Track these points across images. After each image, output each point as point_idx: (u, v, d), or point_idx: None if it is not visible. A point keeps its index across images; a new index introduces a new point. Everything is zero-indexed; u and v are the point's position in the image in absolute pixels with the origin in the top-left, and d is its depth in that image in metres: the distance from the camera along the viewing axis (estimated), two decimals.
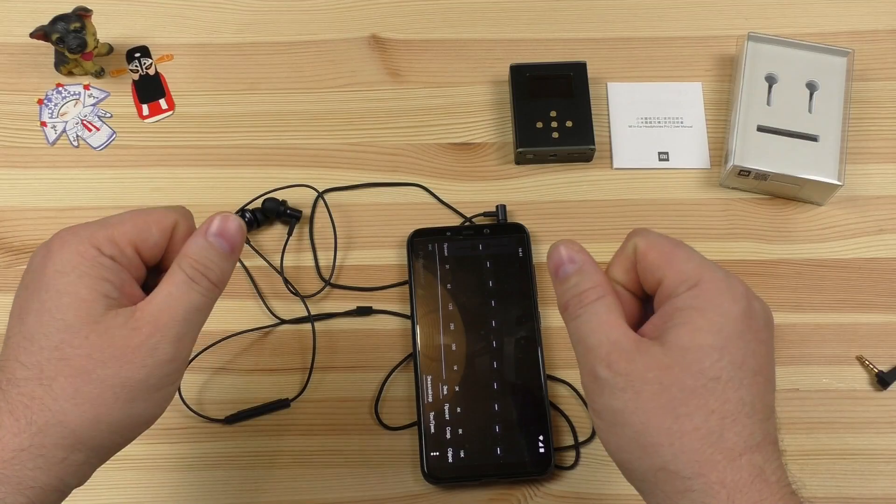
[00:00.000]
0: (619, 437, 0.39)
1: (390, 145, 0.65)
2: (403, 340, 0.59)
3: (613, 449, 0.39)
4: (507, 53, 0.67)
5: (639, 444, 0.38)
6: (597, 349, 0.39)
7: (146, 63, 0.67)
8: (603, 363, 0.38)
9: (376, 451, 0.57)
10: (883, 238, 0.62)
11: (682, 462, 0.37)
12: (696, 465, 0.36)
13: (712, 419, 0.37)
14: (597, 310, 0.39)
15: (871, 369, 0.58)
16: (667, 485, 0.37)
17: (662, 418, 0.37)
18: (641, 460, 0.38)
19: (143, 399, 0.38)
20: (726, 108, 0.66)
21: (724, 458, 0.36)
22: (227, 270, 0.41)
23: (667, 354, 0.38)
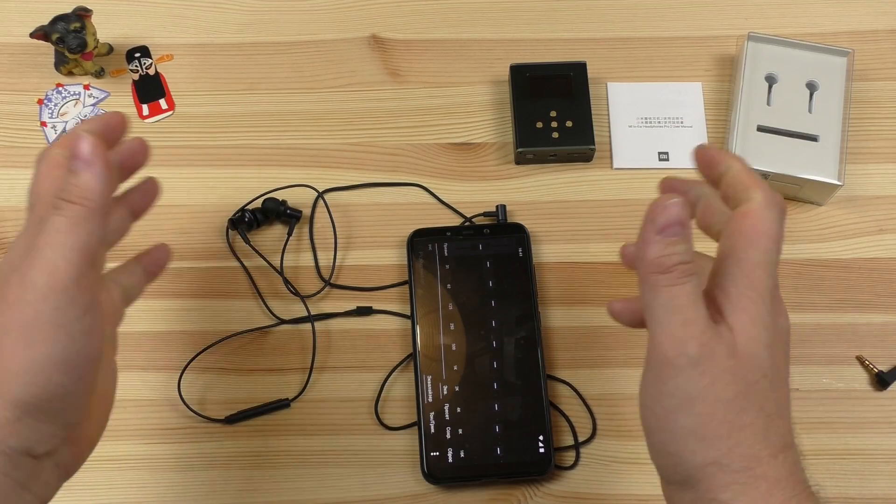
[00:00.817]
0: (680, 425, 0.38)
1: (390, 145, 0.65)
2: (403, 340, 0.59)
3: (667, 440, 0.38)
4: (507, 53, 0.67)
5: (698, 436, 0.37)
6: (693, 324, 0.37)
7: (146, 63, 0.67)
8: (696, 340, 0.36)
9: (376, 451, 0.57)
10: (883, 238, 0.62)
11: (735, 456, 0.37)
12: (746, 460, 0.36)
13: (762, 416, 0.37)
14: (695, 282, 0.37)
15: (871, 369, 0.58)
16: (713, 479, 0.37)
17: (728, 410, 0.37)
18: (695, 454, 0.37)
19: (43, 339, 0.37)
20: (726, 108, 0.66)
21: (768, 454, 0.37)
22: (87, 184, 0.38)
23: (739, 342, 0.37)
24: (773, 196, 0.40)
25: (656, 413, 0.38)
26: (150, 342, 0.59)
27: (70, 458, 0.41)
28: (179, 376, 0.58)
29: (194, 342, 0.59)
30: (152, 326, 0.59)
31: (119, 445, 0.57)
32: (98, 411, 0.43)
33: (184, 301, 0.60)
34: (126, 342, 0.59)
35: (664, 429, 0.38)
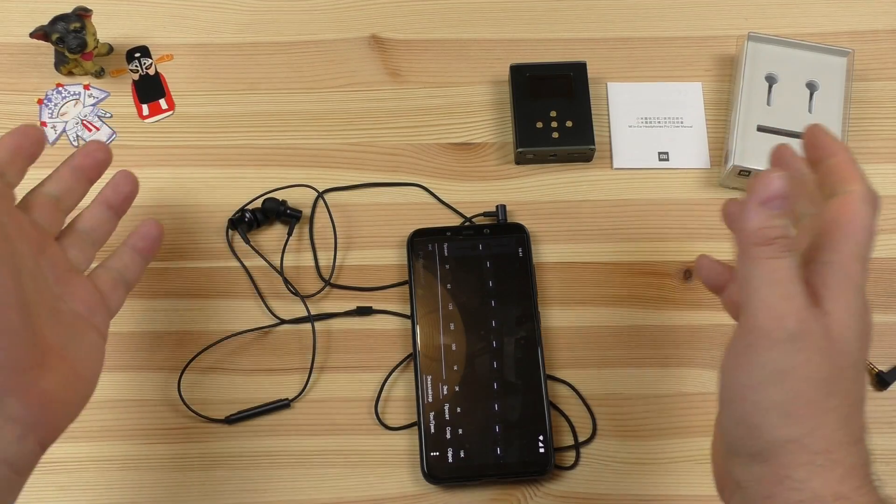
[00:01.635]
0: (762, 400, 0.38)
1: (390, 145, 0.65)
2: (403, 340, 0.59)
3: (748, 410, 0.38)
4: (507, 53, 0.67)
5: (783, 411, 0.37)
6: (793, 299, 0.37)
7: (146, 63, 0.67)
8: (795, 316, 0.37)
9: (376, 451, 0.57)
10: (883, 238, 0.62)
11: (817, 436, 0.37)
12: (827, 443, 0.37)
13: (846, 403, 0.38)
14: (796, 258, 0.38)
15: (871, 369, 0.58)
16: (791, 456, 0.37)
17: (817, 391, 0.37)
18: (778, 428, 0.37)
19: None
20: (726, 108, 0.66)
21: (848, 441, 0.38)
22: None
23: (833, 328, 0.38)
24: (871, 191, 0.40)
25: (742, 383, 0.38)
26: (149, 342, 0.59)
27: (25, 412, 0.41)
28: (179, 376, 0.58)
29: (194, 342, 0.59)
30: (152, 326, 0.59)
31: (119, 445, 0.57)
32: (62, 370, 0.43)
33: (184, 301, 0.60)
34: (126, 342, 0.59)
35: (748, 399, 0.38)
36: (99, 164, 0.52)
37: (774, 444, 0.37)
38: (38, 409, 0.41)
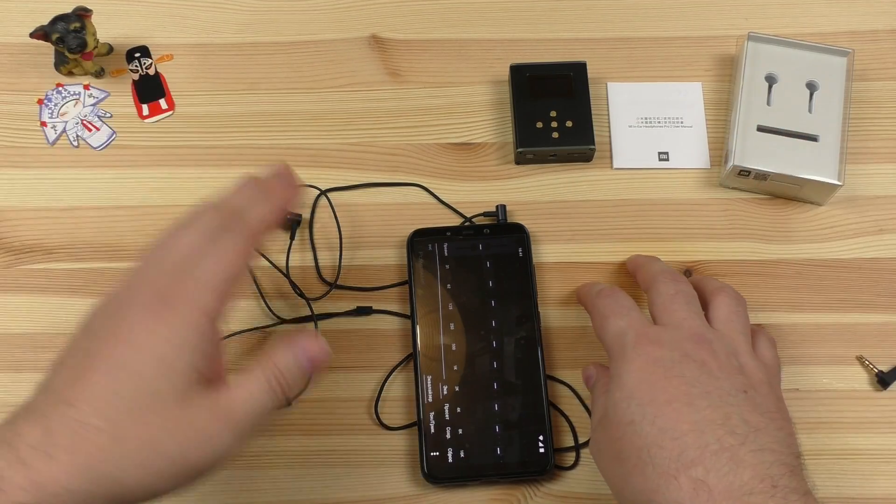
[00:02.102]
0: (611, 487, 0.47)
1: (390, 145, 0.65)
2: (403, 340, 0.59)
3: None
4: (507, 53, 0.67)
5: (615, 492, 0.47)
6: (591, 423, 0.50)
7: (146, 63, 0.67)
8: (591, 434, 0.50)
9: (376, 451, 0.57)
10: (883, 238, 0.62)
11: (637, 496, 0.43)
12: (646, 494, 0.42)
13: (643, 454, 0.43)
14: (594, 395, 0.52)
15: (871, 369, 0.58)
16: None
17: (616, 468, 0.46)
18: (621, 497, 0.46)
19: (190, 479, 0.38)
20: (726, 108, 0.66)
21: (664, 481, 0.42)
22: (301, 388, 0.42)
23: (606, 419, 0.47)
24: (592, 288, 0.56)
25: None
26: None
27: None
28: None
29: None
30: None
31: None
32: None
33: None
34: None
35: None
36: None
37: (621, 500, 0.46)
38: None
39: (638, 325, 0.49)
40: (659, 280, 0.53)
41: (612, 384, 0.47)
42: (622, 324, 0.50)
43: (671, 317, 0.50)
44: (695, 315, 0.50)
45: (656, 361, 0.46)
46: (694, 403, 0.43)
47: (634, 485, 0.43)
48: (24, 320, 0.60)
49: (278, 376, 0.41)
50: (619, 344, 0.49)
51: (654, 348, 0.47)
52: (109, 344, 0.38)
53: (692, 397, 0.44)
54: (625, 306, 0.51)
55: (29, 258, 0.61)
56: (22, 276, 0.61)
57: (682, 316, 0.49)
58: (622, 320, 0.50)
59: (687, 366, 0.45)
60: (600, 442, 0.47)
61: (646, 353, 0.47)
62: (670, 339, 0.47)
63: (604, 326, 0.51)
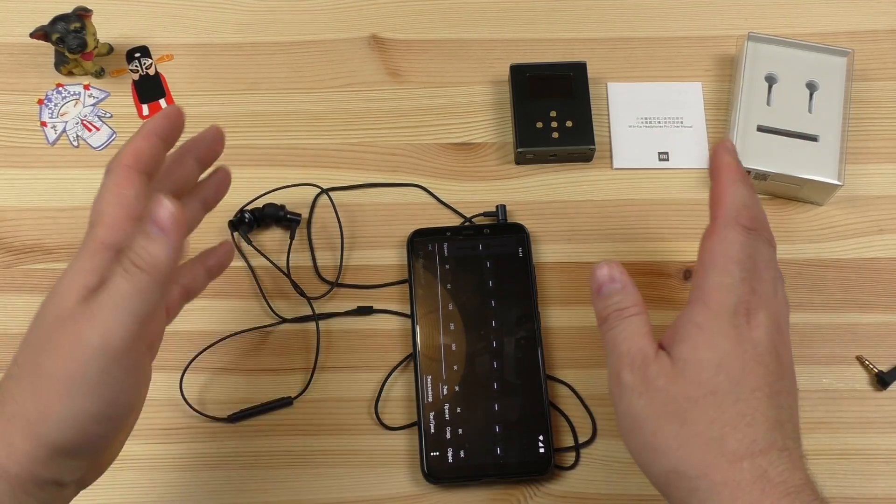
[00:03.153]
0: (636, 441, 0.43)
1: (390, 145, 0.65)
2: (403, 340, 0.59)
3: (634, 453, 0.44)
4: (507, 53, 0.67)
5: (651, 447, 0.42)
6: (625, 356, 0.43)
7: (146, 63, 0.67)
8: (627, 368, 0.43)
9: (376, 451, 0.57)
10: (883, 238, 0.62)
11: (688, 464, 0.41)
12: (701, 467, 0.40)
13: (714, 427, 0.41)
14: (632, 322, 0.44)
15: (871, 369, 0.58)
16: (678, 485, 0.41)
17: (670, 424, 0.41)
18: (654, 464, 0.42)
19: (85, 394, 0.38)
20: (726, 108, 0.66)
21: (727, 461, 0.40)
22: (158, 256, 0.38)
23: (674, 365, 0.42)
24: (736, 213, 0.44)
25: (622, 433, 0.44)
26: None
27: (92, 476, 0.43)
28: (181, 376, 0.58)
29: (195, 342, 0.59)
30: None
31: None
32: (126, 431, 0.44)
33: None
34: None
35: (629, 445, 0.44)
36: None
37: (658, 477, 0.42)
38: (101, 469, 0.44)
39: (748, 292, 0.44)
40: (760, 230, 0.45)
41: (702, 337, 0.42)
42: (735, 283, 0.43)
43: (763, 288, 0.44)
44: (781, 298, 0.46)
45: (752, 342, 0.43)
46: (773, 399, 0.42)
47: (689, 452, 0.41)
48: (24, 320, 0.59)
49: (123, 260, 0.38)
50: (721, 299, 0.43)
51: (753, 327, 0.43)
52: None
53: (773, 392, 0.43)
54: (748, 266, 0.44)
55: (29, 258, 0.61)
56: (22, 276, 0.61)
57: (771, 293, 0.45)
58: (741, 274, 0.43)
59: (772, 357, 0.43)
60: (655, 387, 0.42)
61: (743, 327, 0.43)
62: (765, 323, 0.43)
63: (718, 267, 0.44)
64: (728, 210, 0.44)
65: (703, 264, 0.44)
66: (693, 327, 0.43)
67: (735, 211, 0.44)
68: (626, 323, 0.44)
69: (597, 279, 0.45)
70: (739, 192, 0.45)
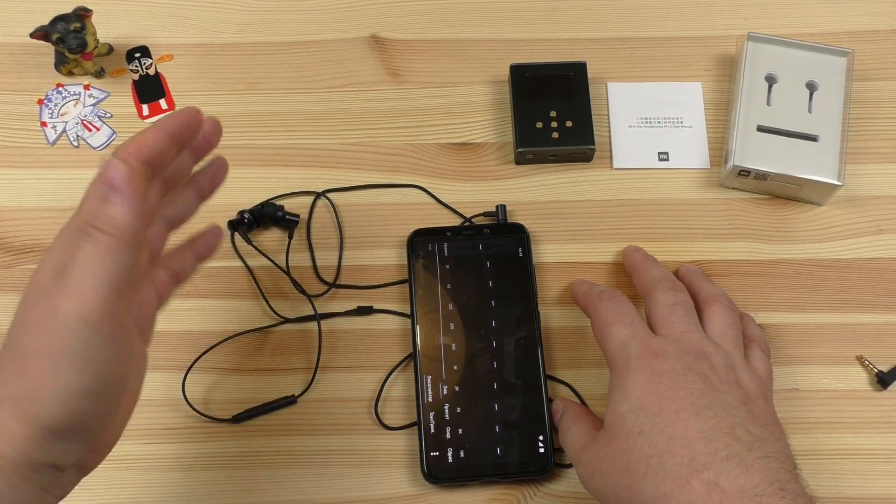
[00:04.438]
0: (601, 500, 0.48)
1: (390, 145, 0.65)
2: (403, 340, 0.59)
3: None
4: (507, 53, 0.67)
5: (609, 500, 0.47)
6: (571, 454, 0.51)
7: (146, 63, 0.67)
8: (576, 461, 0.51)
9: (376, 451, 0.57)
10: (883, 238, 0.62)
11: (647, 501, 0.44)
12: (658, 501, 0.43)
13: (653, 462, 0.44)
14: (567, 426, 0.53)
15: (871, 369, 0.58)
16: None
17: (621, 479, 0.46)
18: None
19: (68, 369, 0.37)
20: (726, 108, 0.66)
21: (676, 486, 0.43)
22: (117, 216, 0.38)
23: (606, 433, 0.48)
24: (591, 289, 0.56)
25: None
26: None
27: (91, 460, 0.42)
28: (184, 377, 0.58)
29: (195, 342, 0.59)
30: None
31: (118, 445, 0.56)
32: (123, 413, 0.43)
33: (184, 301, 0.60)
34: None
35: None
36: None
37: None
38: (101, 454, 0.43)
39: (641, 335, 0.50)
40: (658, 288, 0.53)
41: (617, 396, 0.48)
42: (625, 333, 0.50)
43: (671, 329, 0.50)
44: (694, 328, 0.51)
45: (662, 374, 0.47)
46: (701, 413, 0.45)
47: (645, 493, 0.44)
48: None
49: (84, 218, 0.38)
50: (622, 355, 0.49)
51: (658, 361, 0.48)
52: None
53: (699, 408, 0.45)
54: (627, 314, 0.51)
55: (29, 258, 0.61)
56: (22, 276, 0.61)
57: (681, 328, 0.50)
58: (625, 329, 0.50)
59: (691, 378, 0.47)
60: (599, 459, 0.48)
61: (651, 366, 0.47)
62: (674, 352, 0.48)
63: (606, 334, 0.51)
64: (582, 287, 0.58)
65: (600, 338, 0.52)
66: (611, 391, 0.49)
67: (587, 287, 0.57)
68: (563, 429, 0.53)
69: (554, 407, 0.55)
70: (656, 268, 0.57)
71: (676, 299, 0.52)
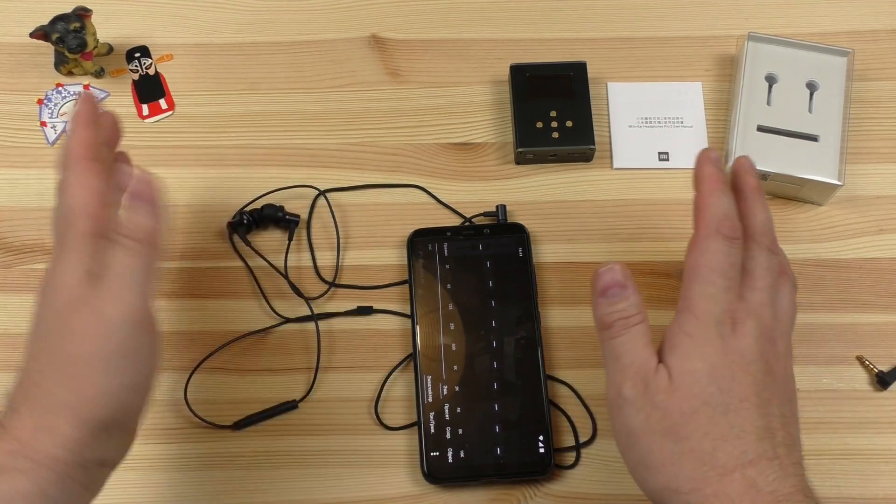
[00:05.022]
0: (632, 456, 0.43)
1: (390, 145, 0.65)
2: (403, 340, 0.59)
3: (629, 467, 0.44)
4: (507, 53, 0.67)
5: (646, 464, 0.43)
6: (628, 368, 0.43)
7: (146, 63, 0.67)
8: (630, 382, 0.43)
9: (376, 451, 0.57)
10: (883, 238, 0.62)
11: (682, 480, 0.41)
12: (693, 482, 0.41)
13: (706, 441, 0.41)
14: (637, 332, 0.44)
15: (871, 369, 0.58)
16: (671, 500, 0.42)
17: (665, 441, 0.42)
18: (649, 480, 0.43)
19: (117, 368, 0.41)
20: (726, 108, 0.66)
21: (717, 474, 0.41)
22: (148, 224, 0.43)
23: (671, 379, 0.43)
24: (717, 224, 0.44)
25: (618, 446, 0.44)
26: None
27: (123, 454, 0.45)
28: (186, 382, 0.58)
29: (194, 342, 0.59)
30: None
31: None
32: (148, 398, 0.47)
33: (184, 301, 0.60)
34: None
35: (624, 460, 0.44)
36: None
37: (654, 493, 0.43)
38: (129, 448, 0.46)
39: (731, 296, 0.44)
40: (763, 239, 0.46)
41: (690, 346, 0.43)
42: (721, 283, 0.43)
43: (755, 297, 0.44)
44: (772, 305, 0.45)
45: (736, 352, 0.43)
46: (760, 408, 0.43)
47: (684, 467, 0.41)
48: (24, 320, 0.59)
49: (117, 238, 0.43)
50: (705, 308, 0.43)
51: (735, 337, 0.43)
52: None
53: (761, 401, 0.43)
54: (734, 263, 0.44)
55: (29, 258, 0.61)
56: (22, 276, 0.61)
57: (763, 300, 0.44)
58: (721, 279, 0.44)
59: (760, 366, 0.44)
60: (652, 405, 0.42)
61: (727, 339, 0.43)
62: (753, 332, 0.44)
63: (702, 277, 0.44)
64: (709, 221, 0.44)
65: (687, 273, 0.44)
66: (684, 336, 0.43)
67: (716, 221, 0.44)
68: (631, 333, 0.44)
69: (602, 282, 0.44)
70: (721, 203, 0.45)
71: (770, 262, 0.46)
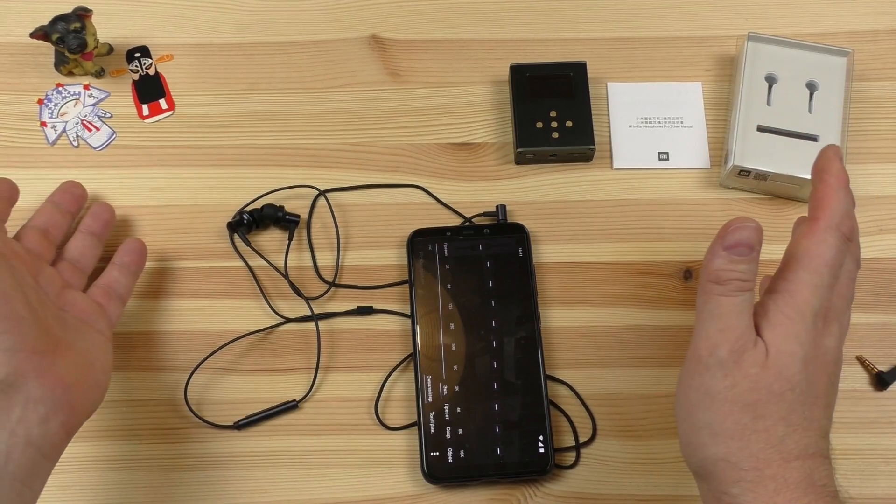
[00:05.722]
0: (698, 419, 0.42)
1: (390, 145, 0.65)
2: (403, 340, 0.59)
3: (686, 430, 0.43)
4: (507, 53, 0.67)
5: (711, 431, 0.42)
6: (729, 331, 0.42)
7: (146, 63, 0.67)
8: (728, 346, 0.42)
9: (376, 451, 0.57)
10: (883, 238, 0.62)
11: (743, 456, 0.41)
12: (755, 461, 0.41)
13: (780, 425, 0.41)
14: (747, 299, 0.43)
15: (871, 369, 0.58)
16: (723, 473, 0.41)
17: (743, 413, 0.41)
18: (707, 447, 0.42)
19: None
20: (726, 108, 0.66)
21: (781, 458, 0.41)
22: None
23: (768, 355, 0.42)
24: (839, 220, 0.43)
25: (683, 405, 0.43)
26: (150, 342, 0.59)
27: (46, 394, 0.45)
28: (186, 382, 0.58)
29: (194, 342, 0.59)
30: (152, 326, 0.59)
31: (119, 445, 0.57)
32: (74, 358, 0.48)
33: (183, 301, 0.60)
34: (127, 343, 0.59)
35: (686, 420, 0.43)
36: (76, 198, 0.59)
37: (707, 461, 0.42)
38: (57, 392, 0.45)
39: (829, 299, 0.44)
40: (856, 249, 0.46)
41: (791, 329, 0.42)
42: (824, 286, 0.43)
43: (840, 302, 0.45)
44: (847, 315, 0.46)
45: (825, 348, 0.43)
46: (828, 409, 0.44)
47: (752, 443, 0.41)
48: None
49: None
50: (807, 297, 0.42)
51: (824, 335, 0.44)
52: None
53: (829, 402, 0.44)
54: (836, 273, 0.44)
55: None
56: None
57: (843, 308, 0.45)
58: (829, 280, 0.43)
59: (835, 370, 0.44)
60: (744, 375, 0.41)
61: (817, 335, 0.43)
62: (837, 334, 0.44)
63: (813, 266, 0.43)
64: (832, 214, 0.44)
65: (796, 259, 0.43)
66: (783, 317, 0.42)
67: (839, 217, 0.44)
68: (741, 297, 0.42)
69: (734, 237, 0.42)
70: (845, 201, 0.44)
71: (854, 275, 0.46)
